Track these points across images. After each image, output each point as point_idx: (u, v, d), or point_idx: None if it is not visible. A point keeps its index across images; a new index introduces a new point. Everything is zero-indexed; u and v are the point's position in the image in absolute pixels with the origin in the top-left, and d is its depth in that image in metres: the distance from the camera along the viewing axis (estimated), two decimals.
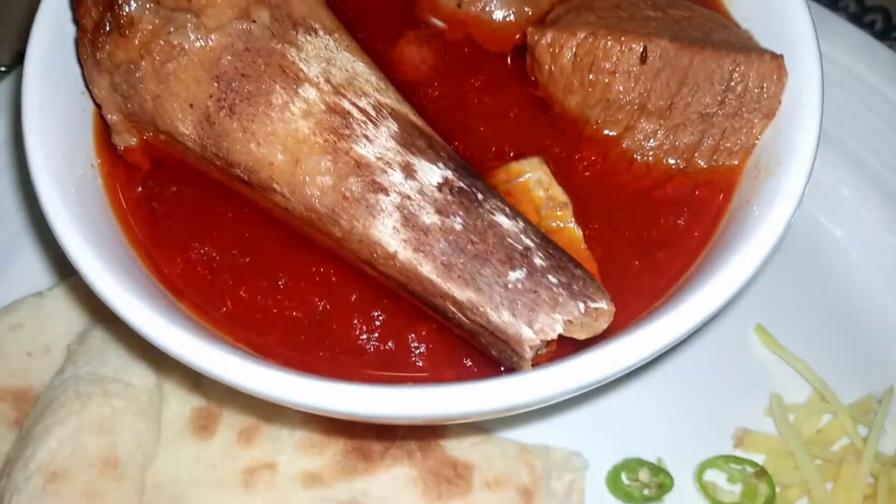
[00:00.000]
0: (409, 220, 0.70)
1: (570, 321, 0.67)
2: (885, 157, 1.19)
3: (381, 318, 0.79)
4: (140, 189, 0.84)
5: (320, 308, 0.79)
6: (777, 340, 1.12)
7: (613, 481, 1.04)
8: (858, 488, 1.02)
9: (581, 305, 0.67)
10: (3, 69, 1.34)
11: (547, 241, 0.72)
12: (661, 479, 1.03)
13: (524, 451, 1.02)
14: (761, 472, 1.02)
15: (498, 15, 0.93)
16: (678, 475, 1.03)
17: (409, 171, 0.72)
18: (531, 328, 0.66)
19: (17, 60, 1.35)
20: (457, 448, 1.01)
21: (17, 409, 1.01)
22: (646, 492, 1.03)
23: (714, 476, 1.04)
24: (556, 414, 1.07)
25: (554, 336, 0.67)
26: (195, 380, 0.99)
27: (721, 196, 0.84)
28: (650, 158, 0.86)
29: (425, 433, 0.99)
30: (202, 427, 0.95)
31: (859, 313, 1.14)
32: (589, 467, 1.04)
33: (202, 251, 0.81)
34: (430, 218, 0.70)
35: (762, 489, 1.02)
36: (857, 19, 1.45)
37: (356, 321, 0.79)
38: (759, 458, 1.05)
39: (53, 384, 0.95)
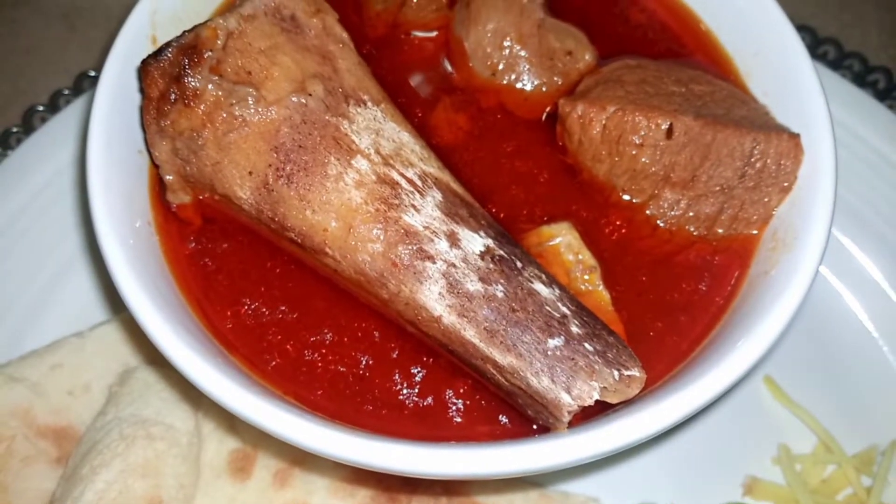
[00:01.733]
0: (454, 287, 0.75)
1: (605, 388, 0.72)
2: (889, 217, 1.25)
3: (420, 373, 0.83)
4: (192, 244, 0.88)
5: (363, 363, 0.84)
6: (785, 392, 1.16)
7: None
8: None
9: (616, 373, 0.72)
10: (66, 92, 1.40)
11: (581, 308, 0.77)
12: None
13: (544, 496, 1.06)
14: None
15: (529, 85, 0.98)
16: None
17: (453, 240, 0.77)
18: (569, 394, 0.71)
19: (80, 81, 1.41)
20: (481, 492, 1.05)
21: (59, 447, 1.04)
22: None
23: None
24: None
25: (591, 402, 0.71)
26: (231, 422, 1.03)
27: (739, 264, 0.89)
28: (673, 225, 0.91)
29: (451, 481, 1.03)
30: (239, 469, 0.99)
31: (864, 368, 1.18)
32: None
33: (252, 306, 0.85)
34: (473, 285, 0.75)
35: None
36: (861, 78, 1.51)
37: (397, 376, 0.83)
38: None
39: (96, 425, 0.99)
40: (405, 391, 0.82)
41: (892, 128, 1.31)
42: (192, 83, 0.77)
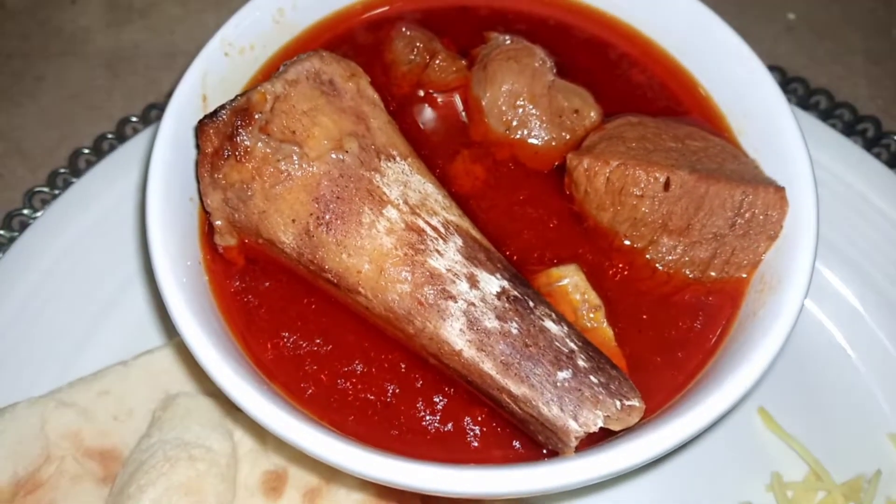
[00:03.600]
0: (473, 324, 0.84)
1: (608, 416, 0.80)
2: (874, 258, 1.32)
3: (441, 402, 0.92)
4: (237, 282, 0.97)
5: (390, 392, 0.92)
6: (778, 423, 1.23)
7: None
8: None
9: (618, 403, 0.80)
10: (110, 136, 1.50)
11: (587, 344, 0.86)
12: None
13: None
14: None
15: (540, 140, 1.07)
16: None
17: (473, 282, 0.86)
18: (576, 422, 0.79)
19: (122, 125, 1.52)
20: None
21: (104, 467, 1.12)
22: None
23: None
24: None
25: (595, 429, 0.80)
26: (264, 446, 1.12)
27: (730, 304, 0.98)
28: (670, 269, 1.00)
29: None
30: (272, 489, 1.07)
31: (852, 401, 1.24)
32: None
33: (290, 339, 0.95)
34: (491, 323, 0.84)
35: None
36: (851, 126, 1.60)
37: (420, 404, 0.91)
38: None
39: (142, 447, 1.08)
40: (427, 418, 0.91)
41: (876, 174, 1.40)
42: (244, 141, 0.87)
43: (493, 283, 0.86)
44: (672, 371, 0.94)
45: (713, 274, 0.99)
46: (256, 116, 0.88)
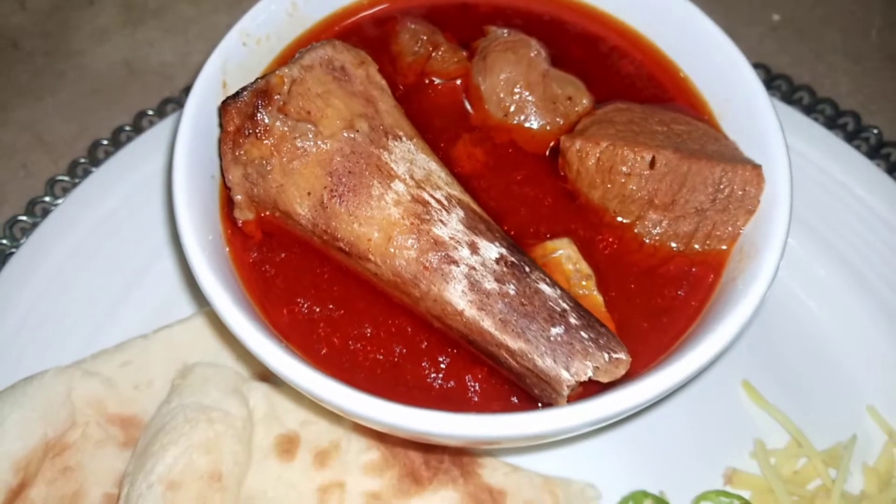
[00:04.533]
0: (474, 286, 0.92)
1: (597, 367, 0.87)
2: (849, 239, 1.40)
3: (445, 362, 0.99)
4: (254, 254, 1.05)
5: (397, 353, 1.00)
6: (761, 395, 1.28)
7: None
8: None
9: (606, 355, 0.88)
10: (127, 128, 1.58)
11: (578, 306, 0.93)
12: None
13: (548, 482, 1.20)
14: None
15: (535, 124, 1.15)
16: None
17: (473, 248, 0.94)
18: (568, 371, 0.87)
19: (139, 118, 1.59)
20: (492, 477, 1.19)
21: (126, 433, 1.19)
22: None
23: None
24: (574, 451, 1.26)
25: (585, 378, 0.87)
26: (276, 412, 1.19)
27: (712, 274, 1.05)
28: (656, 242, 1.08)
29: (466, 465, 1.18)
30: (285, 451, 1.14)
31: (830, 373, 1.30)
32: (602, 498, 1.19)
33: (304, 305, 1.02)
34: (490, 284, 0.91)
35: None
36: (832, 121, 1.69)
37: (425, 364, 0.99)
38: (746, 494, 1.21)
39: (162, 411, 1.14)
40: (432, 376, 0.98)
41: (855, 165, 1.48)
42: (264, 120, 0.95)
43: (492, 250, 0.94)
44: (657, 335, 1.02)
45: (696, 246, 1.07)
46: (275, 98, 0.96)
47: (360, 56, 1.05)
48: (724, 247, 1.06)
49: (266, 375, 1.26)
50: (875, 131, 1.65)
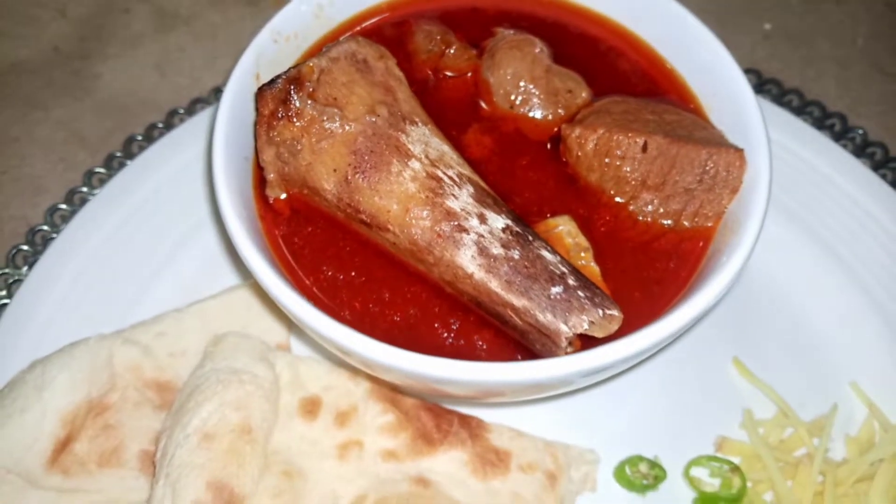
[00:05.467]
0: (482, 251, 1.02)
1: (592, 322, 0.97)
2: (834, 228, 1.48)
3: (455, 324, 1.09)
4: (284, 229, 1.16)
5: (412, 316, 1.10)
6: (750, 370, 1.35)
7: (619, 473, 1.26)
8: (811, 484, 1.24)
9: (601, 311, 0.98)
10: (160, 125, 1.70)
11: (576, 270, 1.03)
12: (657, 473, 1.25)
13: (550, 446, 1.28)
14: (736, 469, 1.26)
15: (539, 114, 1.26)
16: (671, 470, 1.26)
17: (482, 219, 1.04)
18: (566, 325, 0.97)
19: (171, 116, 1.72)
20: (498, 440, 1.27)
21: (161, 397, 1.29)
22: (644, 482, 1.27)
23: (699, 472, 1.26)
24: (575, 419, 1.35)
25: (581, 331, 0.97)
26: (300, 379, 1.29)
27: (700, 248, 1.15)
28: (649, 219, 1.17)
29: (474, 429, 1.27)
30: (307, 412, 1.23)
31: (815, 352, 1.37)
32: (600, 461, 1.27)
33: (328, 273, 1.12)
34: (497, 250, 1.02)
35: (736, 483, 1.26)
36: (820, 122, 1.79)
37: (437, 326, 1.09)
38: (735, 460, 1.29)
39: (196, 374, 1.24)
40: (444, 335, 1.08)
41: (840, 161, 1.58)
42: (296, 104, 1.06)
43: (498, 221, 1.05)
44: (649, 302, 1.11)
45: (686, 223, 1.17)
46: (306, 85, 1.07)
47: (380, 51, 1.17)
48: (711, 223, 1.16)
49: (288, 347, 1.37)
50: (860, 132, 1.75)
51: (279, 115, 1.07)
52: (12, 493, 1.13)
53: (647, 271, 1.15)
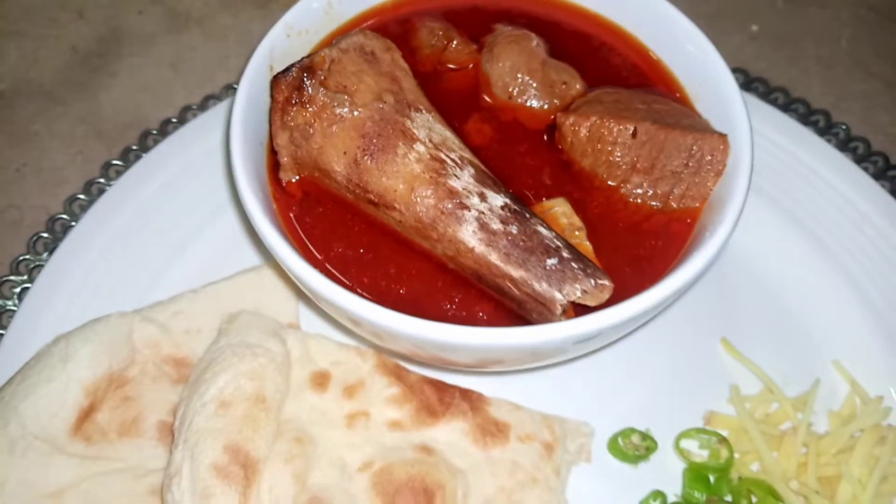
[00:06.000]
0: (483, 227, 1.10)
1: (585, 291, 1.05)
2: (818, 217, 1.55)
3: (458, 297, 1.16)
4: (296, 210, 1.23)
5: (417, 290, 1.17)
6: (737, 349, 1.42)
7: (613, 444, 1.32)
8: (795, 455, 1.30)
9: (592, 281, 1.05)
10: (174, 120, 1.77)
11: (570, 244, 1.11)
12: (649, 444, 1.31)
13: (547, 419, 1.35)
14: (724, 441, 1.32)
15: (536, 104, 1.33)
16: (662, 441, 1.31)
17: (482, 197, 1.12)
18: (560, 293, 1.04)
19: (184, 111, 1.80)
20: (497, 412, 1.34)
21: (178, 372, 1.35)
22: (636, 453, 1.34)
23: (688, 444, 1.32)
24: (571, 394, 1.41)
25: (574, 298, 1.04)
26: (309, 354, 1.36)
27: (687, 227, 1.22)
28: (639, 201, 1.25)
29: (475, 402, 1.34)
30: (317, 384, 1.30)
31: (801, 332, 1.43)
32: (594, 434, 1.33)
33: (338, 251, 1.19)
34: (496, 225, 1.09)
35: (724, 454, 1.33)
36: (805, 118, 1.87)
37: (441, 299, 1.16)
38: (723, 433, 1.36)
39: (212, 349, 1.31)
40: (446, 307, 1.15)
41: (824, 153, 1.66)
42: (308, 91, 1.14)
43: (498, 199, 1.12)
44: (639, 277, 1.18)
45: (673, 205, 1.24)
46: (318, 73, 1.15)
47: (387, 44, 1.25)
48: (697, 204, 1.23)
49: (298, 326, 1.44)
50: (843, 127, 1.83)
51: (293, 101, 1.15)
52: (39, 457, 1.20)
53: (638, 249, 1.22)
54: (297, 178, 1.23)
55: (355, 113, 1.15)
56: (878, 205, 1.58)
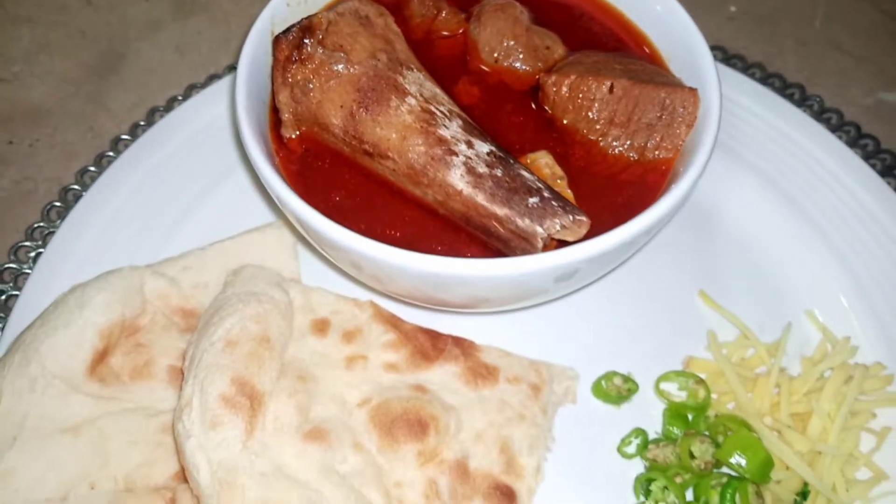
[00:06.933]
0: (470, 171, 1.18)
1: (564, 226, 1.13)
2: (785, 172, 1.66)
3: (447, 240, 1.24)
4: (296, 165, 1.32)
5: (410, 234, 1.25)
6: (715, 301, 1.50)
7: (596, 387, 1.39)
8: (768, 395, 1.38)
9: (571, 217, 1.14)
10: (180, 98, 1.87)
11: (550, 186, 1.20)
12: (630, 386, 1.38)
13: (534, 363, 1.42)
14: (701, 382, 1.40)
15: (520, 67, 1.42)
16: (642, 384, 1.39)
17: (469, 144, 1.21)
18: (541, 227, 1.13)
19: (189, 90, 1.90)
20: (487, 357, 1.41)
21: (186, 322, 1.44)
22: (619, 394, 1.43)
23: (668, 386, 1.39)
24: (556, 342, 1.49)
25: (554, 232, 1.13)
26: (311, 304, 1.44)
27: (661, 175, 1.31)
28: (617, 153, 1.34)
29: (466, 348, 1.43)
30: (318, 330, 1.38)
31: (775, 285, 1.51)
32: (579, 378, 1.40)
33: (336, 200, 1.28)
34: (482, 169, 1.18)
35: (701, 393, 1.42)
36: (780, 91, 1.96)
37: (432, 242, 1.24)
38: (701, 376, 1.47)
39: (218, 298, 1.39)
40: (437, 249, 1.23)
41: (800, 122, 1.75)
42: (308, 49, 1.23)
43: (484, 146, 1.21)
44: (617, 221, 1.24)
45: (649, 156, 1.33)
46: (317, 33, 1.24)
47: (380, 10, 1.34)
48: (671, 155, 1.32)
49: (299, 281, 1.52)
50: (818, 99, 1.93)
51: (293, 59, 1.24)
52: (57, 395, 1.28)
53: (616, 197, 1.30)
54: (298, 133, 1.32)
55: (351, 69, 1.24)
56: (851, 168, 1.67)
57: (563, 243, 1.17)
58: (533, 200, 1.15)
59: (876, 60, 2.07)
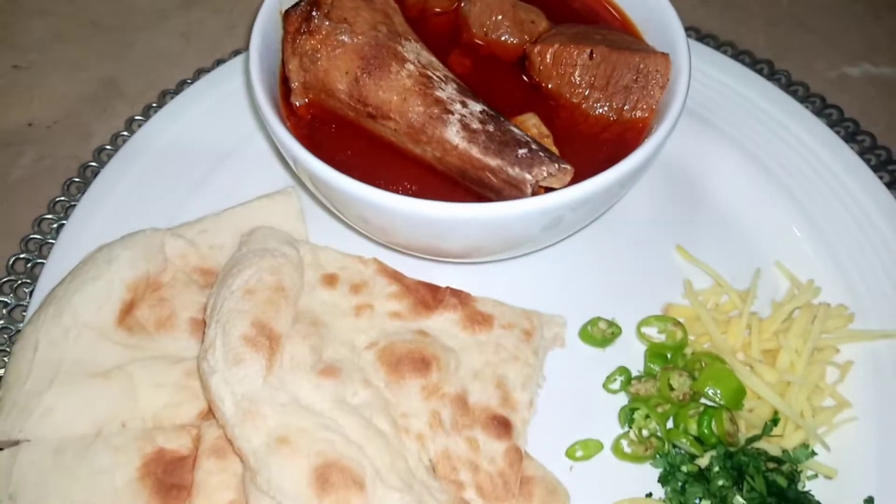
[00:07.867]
0: (465, 127, 1.31)
1: (550, 173, 1.26)
2: (753, 138, 1.79)
3: (446, 195, 1.38)
4: (306, 130, 1.45)
5: (412, 190, 1.37)
6: (691, 254, 1.65)
7: (583, 332, 1.48)
8: (740, 335, 1.50)
9: (556, 165, 1.27)
10: (189, 81, 1.99)
11: (537, 140, 1.33)
12: (614, 330, 1.48)
13: (526, 312, 1.54)
14: (678, 324, 1.53)
15: (509, 39, 1.56)
16: (625, 328, 1.48)
17: (464, 104, 1.34)
18: (530, 174, 1.26)
19: (197, 74, 2.01)
20: (482, 307, 1.53)
21: (205, 279, 1.55)
22: (604, 337, 1.56)
23: (649, 330, 1.49)
24: (546, 293, 1.62)
25: (541, 179, 1.26)
26: (319, 260, 1.56)
27: (639, 133, 1.45)
28: (597, 114, 1.48)
29: (463, 299, 1.55)
30: (328, 283, 1.50)
31: (748, 240, 1.61)
32: (567, 324, 1.51)
33: (343, 161, 1.41)
34: (476, 125, 1.31)
35: (679, 335, 1.55)
36: (751, 67, 2.10)
37: (431, 196, 1.37)
38: (679, 320, 1.60)
39: (235, 255, 1.51)
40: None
41: (771, 93, 1.89)
42: (315, 21, 1.36)
43: (477, 106, 1.34)
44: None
45: (626, 116, 1.47)
46: (323, 6, 1.37)
47: None
48: (646, 114, 1.45)
49: (307, 239, 1.64)
50: (785, 73, 2.07)
51: (302, 31, 1.37)
52: (88, 343, 1.40)
53: (597, 154, 1.43)
54: (306, 100, 1.45)
55: (355, 39, 1.37)
56: (814, 133, 1.81)
57: (549, 191, 1.30)
58: (522, 151, 1.28)
59: (840, 37, 2.21)
